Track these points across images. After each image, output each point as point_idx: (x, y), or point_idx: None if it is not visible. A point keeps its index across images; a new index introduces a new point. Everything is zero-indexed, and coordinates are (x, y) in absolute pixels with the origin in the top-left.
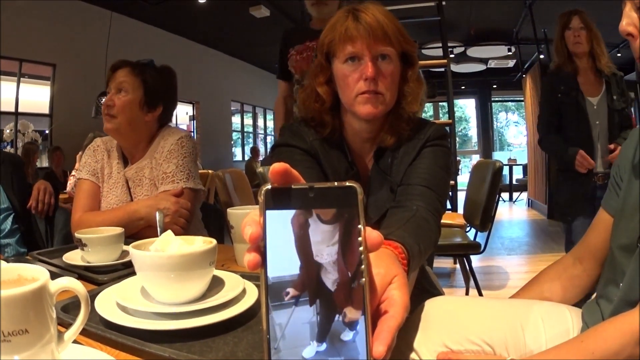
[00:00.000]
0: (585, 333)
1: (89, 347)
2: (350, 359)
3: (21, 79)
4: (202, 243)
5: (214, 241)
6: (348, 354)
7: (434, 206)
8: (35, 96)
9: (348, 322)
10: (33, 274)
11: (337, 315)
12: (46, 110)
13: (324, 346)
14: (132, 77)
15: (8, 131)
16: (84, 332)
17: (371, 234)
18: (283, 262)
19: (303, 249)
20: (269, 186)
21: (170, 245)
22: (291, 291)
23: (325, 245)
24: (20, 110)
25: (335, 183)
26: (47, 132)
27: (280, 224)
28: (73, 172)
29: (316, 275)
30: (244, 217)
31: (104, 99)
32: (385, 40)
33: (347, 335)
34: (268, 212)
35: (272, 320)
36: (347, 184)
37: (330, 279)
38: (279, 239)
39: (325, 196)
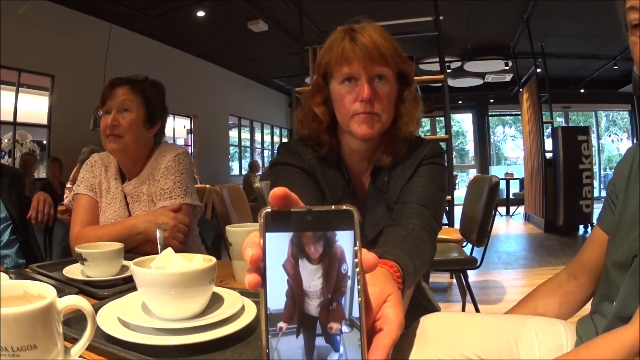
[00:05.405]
0: (578, 348)
1: None
2: None
3: (20, 88)
4: (202, 261)
5: (214, 259)
6: None
7: (430, 224)
8: (34, 106)
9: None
10: (39, 291)
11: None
12: (44, 121)
13: None
14: (134, 95)
15: (6, 141)
16: (87, 346)
17: (367, 256)
18: (281, 282)
19: (300, 268)
20: (268, 209)
21: (171, 262)
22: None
23: (322, 265)
24: (18, 120)
25: (333, 206)
26: (45, 142)
27: (279, 246)
28: (68, 184)
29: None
30: (242, 235)
31: (101, 113)
32: (382, 61)
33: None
34: (268, 234)
35: (270, 337)
36: (344, 207)
37: (324, 299)
38: (278, 260)
39: (323, 219)
